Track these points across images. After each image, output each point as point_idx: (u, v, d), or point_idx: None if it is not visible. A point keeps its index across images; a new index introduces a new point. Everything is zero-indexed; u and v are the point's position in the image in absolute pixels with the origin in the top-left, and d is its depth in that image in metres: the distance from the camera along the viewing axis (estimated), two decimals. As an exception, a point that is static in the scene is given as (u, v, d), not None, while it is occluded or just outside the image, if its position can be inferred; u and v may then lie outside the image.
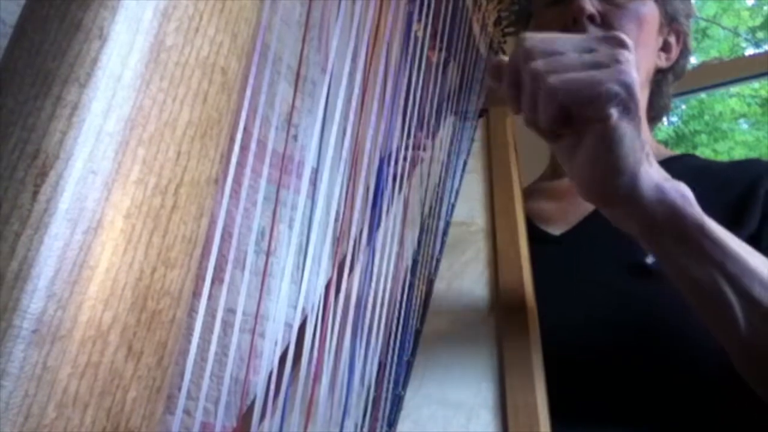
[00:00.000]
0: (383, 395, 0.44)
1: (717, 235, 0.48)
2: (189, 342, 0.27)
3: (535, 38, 0.48)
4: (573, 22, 0.77)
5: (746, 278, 0.48)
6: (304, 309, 0.35)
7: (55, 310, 0.19)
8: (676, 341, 0.61)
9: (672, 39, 0.85)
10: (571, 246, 0.74)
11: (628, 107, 0.45)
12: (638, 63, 0.79)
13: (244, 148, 0.29)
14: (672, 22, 0.85)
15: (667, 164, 0.83)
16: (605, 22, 0.78)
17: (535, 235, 0.76)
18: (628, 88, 0.45)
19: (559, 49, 0.47)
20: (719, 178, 0.75)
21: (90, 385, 0.19)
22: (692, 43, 0.89)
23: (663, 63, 0.85)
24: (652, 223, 0.48)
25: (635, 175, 0.46)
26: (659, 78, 0.86)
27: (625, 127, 0.45)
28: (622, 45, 0.47)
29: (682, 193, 0.48)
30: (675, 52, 0.86)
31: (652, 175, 0.47)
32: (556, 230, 0.77)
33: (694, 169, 0.79)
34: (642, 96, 0.84)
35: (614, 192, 0.47)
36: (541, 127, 0.49)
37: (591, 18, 0.77)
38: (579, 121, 0.46)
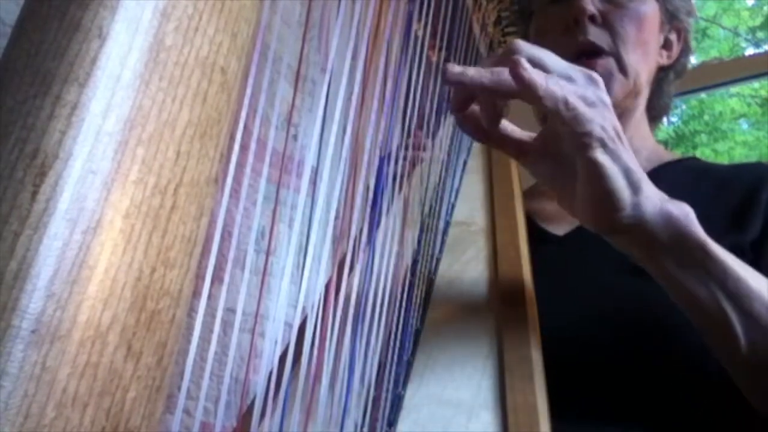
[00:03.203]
0: (383, 395, 0.44)
1: (718, 255, 0.49)
2: (189, 342, 0.27)
3: (528, 45, 0.47)
4: (574, 22, 0.77)
5: (747, 297, 0.49)
6: (304, 308, 0.35)
7: (54, 310, 0.19)
8: (676, 341, 0.61)
9: (673, 37, 0.85)
10: (573, 246, 0.74)
11: (614, 145, 0.46)
12: (639, 62, 0.79)
13: (244, 147, 0.29)
14: (673, 19, 0.85)
15: (669, 167, 0.83)
16: (606, 21, 0.77)
17: (538, 234, 0.76)
18: (615, 129, 0.46)
19: (549, 65, 0.46)
20: (721, 181, 0.75)
21: (89, 385, 0.19)
22: (692, 43, 0.89)
23: (664, 61, 0.85)
24: (657, 246, 0.48)
25: (637, 206, 0.47)
26: (661, 76, 0.86)
27: (610, 164, 0.46)
28: (598, 84, 0.47)
29: (686, 212, 0.48)
30: (676, 49, 0.86)
31: (654, 200, 0.47)
32: (558, 230, 0.77)
33: (695, 172, 0.79)
34: (643, 96, 0.84)
35: (619, 223, 0.47)
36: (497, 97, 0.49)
37: (592, 18, 0.77)
38: (564, 144, 0.48)
